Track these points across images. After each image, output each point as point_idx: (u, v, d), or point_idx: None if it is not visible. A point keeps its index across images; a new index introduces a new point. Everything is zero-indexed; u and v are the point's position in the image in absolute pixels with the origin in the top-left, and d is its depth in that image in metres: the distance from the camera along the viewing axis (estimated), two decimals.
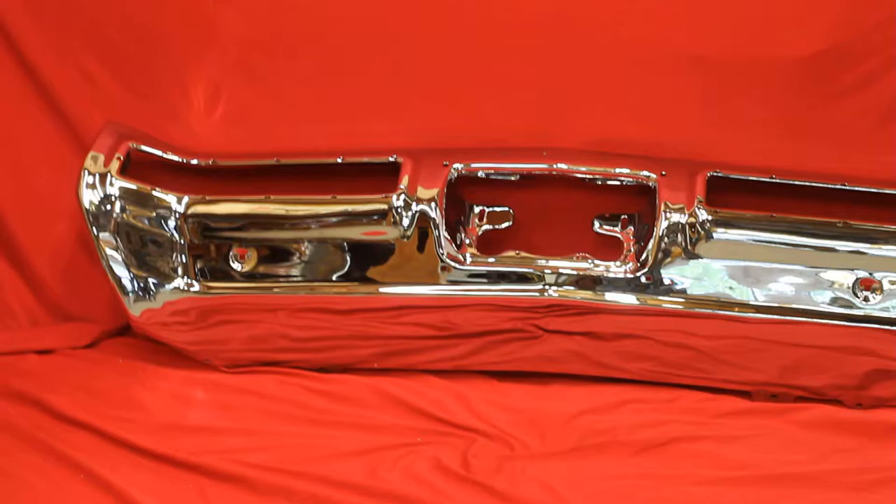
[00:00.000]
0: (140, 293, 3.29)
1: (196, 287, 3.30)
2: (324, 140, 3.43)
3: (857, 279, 3.19)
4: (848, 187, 3.27)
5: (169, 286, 3.30)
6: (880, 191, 3.28)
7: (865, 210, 3.28)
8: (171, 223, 3.31)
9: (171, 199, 3.32)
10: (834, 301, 3.19)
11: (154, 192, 3.31)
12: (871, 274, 3.19)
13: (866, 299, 3.18)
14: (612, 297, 3.22)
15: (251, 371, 3.36)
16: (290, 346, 3.35)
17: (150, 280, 3.29)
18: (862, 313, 3.18)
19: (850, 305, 3.18)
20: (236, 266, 3.31)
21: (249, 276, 3.31)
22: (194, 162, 3.39)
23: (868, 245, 3.21)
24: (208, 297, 3.29)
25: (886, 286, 3.18)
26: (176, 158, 3.39)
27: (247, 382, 3.31)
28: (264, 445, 3.05)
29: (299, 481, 2.89)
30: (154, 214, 3.30)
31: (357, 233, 3.28)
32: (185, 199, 3.32)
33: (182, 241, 3.31)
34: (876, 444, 3.10)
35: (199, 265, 3.31)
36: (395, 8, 3.39)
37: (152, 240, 3.30)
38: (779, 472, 2.99)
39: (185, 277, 3.30)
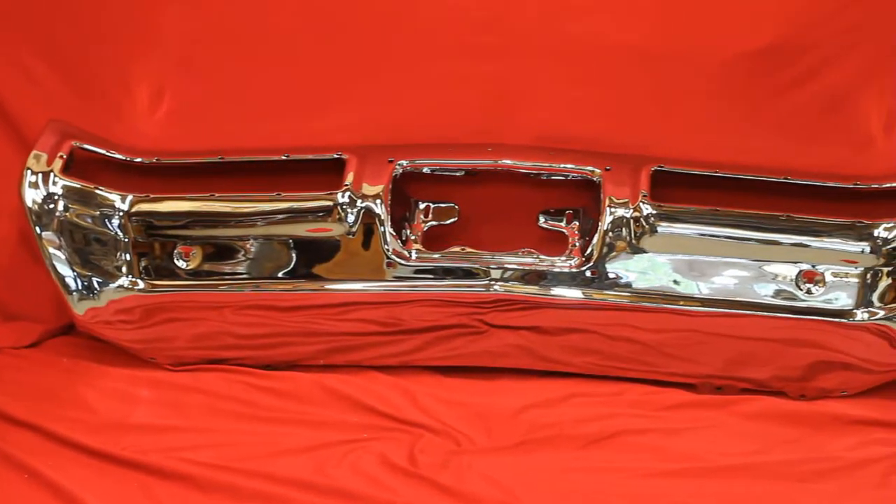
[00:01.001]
0: (84, 292, 3.27)
1: (141, 285, 3.28)
2: (269, 137, 3.42)
3: (801, 272, 3.22)
4: (791, 181, 3.29)
5: (113, 285, 3.28)
6: (823, 184, 3.30)
7: (808, 203, 3.29)
8: (115, 222, 3.29)
9: (114, 197, 3.30)
10: (777, 294, 3.22)
11: (98, 191, 3.29)
12: (813, 266, 3.22)
13: (809, 292, 3.20)
14: (558, 291, 3.23)
15: (196, 369, 3.34)
16: (236, 344, 3.34)
17: (94, 279, 3.27)
18: (805, 305, 3.20)
19: (794, 298, 3.21)
20: (181, 264, 3.29)
21: (194, 274, 3.30)
22: (138, 160, 3.37)
23: (811, 238, 3.23)
24: (153, 295, 3.28)
25: (829, 278, 3.20)
26: (120, 157, 3.37)
27: (192, 380, 3.30)
28: (210, 443, 3.04)
29: (245, 479, 2.89)
30: (98, 213, 3.29)
31: (302, 230, 3.27)
32: (129, 197, 3.30)
33: (126, 240, 3.29)
34: (819, 434, 3.12)
35: (143, 263, 3.30)
36: (341, 5, 3.38)
37: (96, 238, 3.28)
38: (724, 463, 3.01)
39: (130, 276, 3.28)
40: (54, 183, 3.25)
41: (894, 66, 3.33)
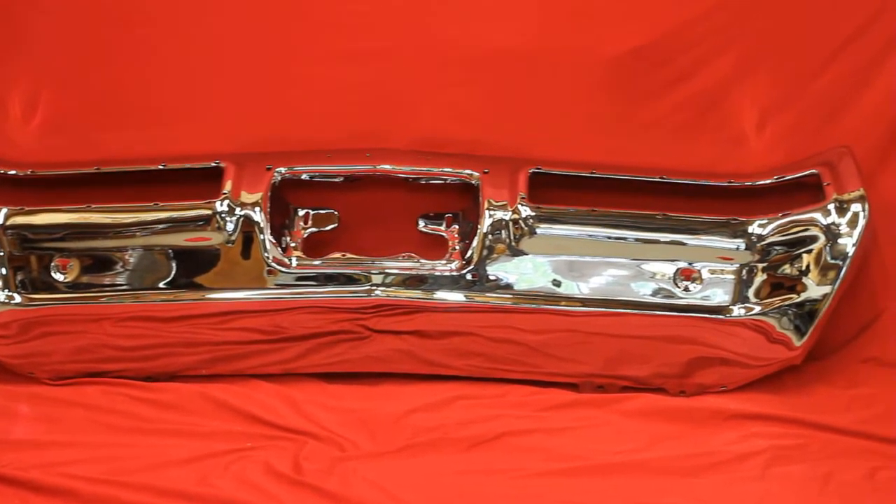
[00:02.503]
0: None
1: (17, 299, 3.23)
2: (145, 146, 3.39)
3: (678, 270, 3.25)
4: (667, 180, 3.34)
5: None
6: (698, 182, 3.35)
7: (685, 202, 3.34)
8: None
9: None
10: (656, 292, 3.25)
11: None
12: (690, 264, 3.26)
13: (687, 289, 3.24)
14: (439, 295, 3.24)
15: (77, 383, 3.29)
16: (116, 356, 3.29)
17: None
18: (683, 303, 3.24)
19: (672, 295, 3.25)
20: (59, 277, 3.25)
21: (72, 287, 3.25)
22: (12, 172, 3.33)
23: (687, 236, 3.27)
24: (30, 309, 3.23)
25: (706, 275, 3.25)
26: None
27: (72, 394, 3.25)
28: (92, 457, 2.99)
29: (128, 492, 2.85)
30: None
31: (181, 239, 3.25)
32: (4, 210, 3.26)
33: (1, 254, 3.24)
34: (700, 429, 3.16)
35: (19, 277, 3.25)
36: (217, 12, 3.37)
37: None
38: (607, 461, 3.03)
39: (6, 290, 3.23)
40: None
41: (765, 66, 3.38)
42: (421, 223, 3.38)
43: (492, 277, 3.24)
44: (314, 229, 3.37)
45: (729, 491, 2.94)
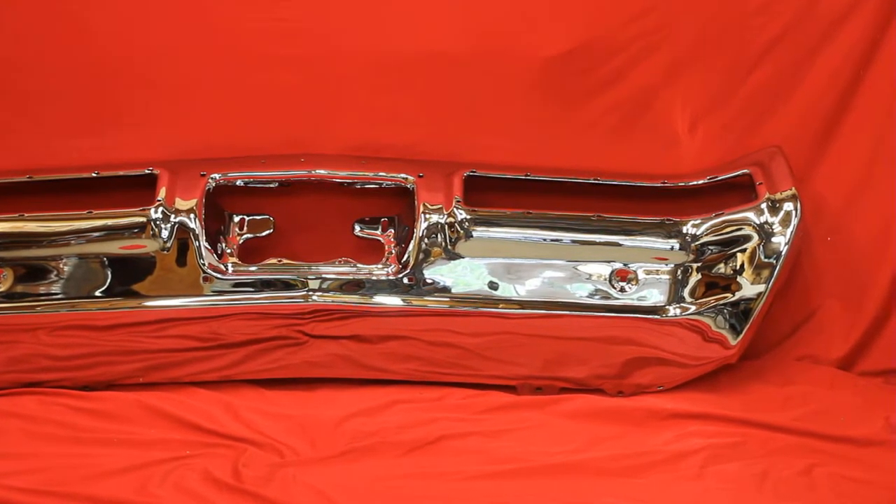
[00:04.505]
0: None
1: None
2: (78, 155, 3.37)
3: (614, 271, 3.27)
4: (601, 181, 3.36)
5: None
6: (632, 183, 3.38)
7: (619, 203, 3.37)
8: None
9: None
10: (593, 293, 3.28)
11: None
12: (626, 265, 3.28)
13: (623, 290, 3.27)
14: (377, 299, 3.24)
15: (11, 393, 3.25)
16: (52, 366, 3.26)
17: None
18: (619, 303, 3.27)
19: (608, 296, 3.27)
20: None
21: (6, 297, 3.22)
22: None
23: (623, 237, 3.30)
24: None
25: (641, 276, 3.27)
26: None
27: (8, 405, 3.21)
28: (29, 468, 2.96)
29: (67, 502, 2.83)
30: None
31: (116, 247, 3.23)
32: None
33: None
34: (638, 429, 3.18)
35: None
36: (149, 19, 3.36)
37: None
38: (547, 462, 3.04)
39: None
40: None
41: (694, 68, 3.41)
42: (357, 228, 3.37)
43: (429, 281, 3.24)
44: (250, 235, 3.36)
45: (667, 490, 2.96)
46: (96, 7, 3.35)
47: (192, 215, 3.22)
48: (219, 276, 3.22)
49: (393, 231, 3.36)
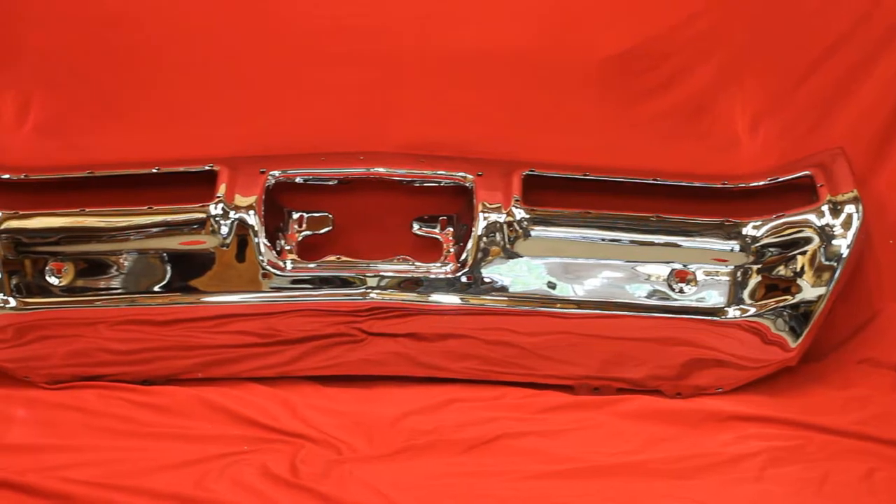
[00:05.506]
0: None
1: (12, 303, 3.22)
2: (139, 150, 3.39)
3: (672, 271, 3.26)
4: (660, 181, 3.35)
5: None
6: (692, 184, 3.36)
7: (678, 203, 3.35)
8: None
9: None
10: (651, 294, 3.26)
11: None
12: (685, 266, 3.26)
13: (681, 291, 3.25)
14: (434, 297, 3.24)
15: (72, 386, 3.28)
16: (112, 360, 3.29)
17: None
18: (678, 304, 3.25)
19: (667, 297, 3.25)
20: (53, 280, 3.25)
21: (67, 291, 3.25)
22: (6, 177, 3.33)
23: (682, 238, 3.28)
24: (25, 313, 3.22)
25: (700, 277, 3.25)
26: None
27: (68, 398, 3.23)
28: (88, 461, 2.98)
29: (124, 495, 2.84)
30: None
31: (175, 243, 3.25)
32: None
33: None
34: (695, 431, 3.16)
35: (14, 281, 3.24)
36: (211, 14, 3.38)
37: None
38: (602, 463, 3.03)
39: (1, 294, 3.22)
40: None
41: (753, 68, 3.39)
42: (415, 226, 3.38)
43: (487, 280, 3.24)
44: (309, 232, 3.37)
45: (725, 492, 2.94)
46: (155, 6, 3.36)
47: (251, 212, 3.23)
48: (277, 272, 3.23)
49: (451, 229, 3.36)
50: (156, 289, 3.25)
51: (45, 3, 3.37)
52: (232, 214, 3.23)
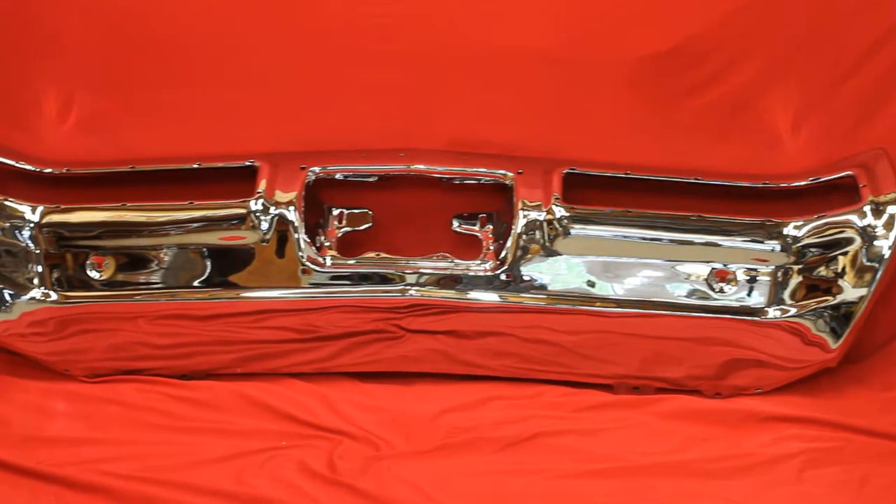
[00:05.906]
0: None
1: (53, 297, 3.24)
2: (180, 146, 3.40)
3: (713, 271, 3.25)
4: (701, 181, 3.33)
5: (25, 297, 3.24)
6: (733, 184, 3.34)
7: (719, 203, 3.34)
8: (26, 233, 3.26)
9: (24, 208, 3.27)
10: (691, 293, 3.25)
11: (7, 202, 3.26)
12: (725, 265, 3.25)
13: (721, 290, 3.24)
14: (473, 295, 3.24)
15: (112, 380, 3.30)
16: (151, 354, 3.30)
17: (6, 291, 3.24)
18: (718, 304, 3.24)
19: (707, 297, 3.24)
20: (94, 275, 3.26)
21: (108, 285, 3.27)
22: (48, 171, 3.34)
23: (722, 237, 3.27)
24: (66, 306, 3.24)
25: (740, 277, 3.24)
26: (29, 167, 3.34)
27: (107, 392, 3.26)
28: (127, 455, 3.01)
29: (164, 489, 2.86)
30: (7, 225, 3.25)
31: (216, 238, 3.26)
32: (40, 208, 3.27)
33: (38, 251, 3.26)
34: (734, 432, 3.15)
35: (55, 275, 3.26)
36: (254, 12, 3.38)
37: (6, 250, 3.25)
38: (640, 462, 3.03)
39: (42, 287, 3.24)
40: None
41: (795, 68, 3.37)
42: (455, 223, 3.38)
43: (526, 278, 3.24)
44: (348, 229, 3.37)
45: (764, 493, 2.94)
46: (198, 3, 3.38)
47: (291, 208, 3.23)
48: (317, 268, 3.23)
49: (491, 227, 3.36)
50: (196, 283, 3.26)
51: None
52: (272, 210, 3.23)
